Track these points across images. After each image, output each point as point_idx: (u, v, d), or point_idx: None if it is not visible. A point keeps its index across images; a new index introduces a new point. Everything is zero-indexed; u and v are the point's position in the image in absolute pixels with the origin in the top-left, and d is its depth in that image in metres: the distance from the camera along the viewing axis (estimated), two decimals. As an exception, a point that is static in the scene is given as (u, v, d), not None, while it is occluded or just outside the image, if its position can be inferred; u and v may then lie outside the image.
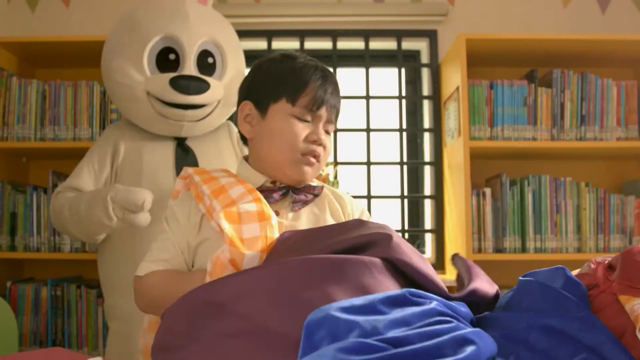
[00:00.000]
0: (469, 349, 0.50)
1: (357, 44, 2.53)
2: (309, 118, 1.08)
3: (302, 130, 1.08)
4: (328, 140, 1.13)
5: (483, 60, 2.29)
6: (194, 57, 1.64)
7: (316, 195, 1.12)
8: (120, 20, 1.72)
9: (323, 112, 1.09)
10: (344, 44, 2.54)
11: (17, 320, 1.83)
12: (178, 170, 1.61)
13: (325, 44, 2.52)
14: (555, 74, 2.19)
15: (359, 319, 0.53)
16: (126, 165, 1.65)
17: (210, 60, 1.68)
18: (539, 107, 2.17)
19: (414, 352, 0.46)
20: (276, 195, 1.07)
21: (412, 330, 0.50)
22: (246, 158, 1.18)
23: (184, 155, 1.66)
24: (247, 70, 1.74)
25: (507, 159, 2.34)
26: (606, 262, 0.77)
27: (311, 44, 2.53)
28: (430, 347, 0.47)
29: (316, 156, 1.09)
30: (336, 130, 2.40)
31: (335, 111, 1.12)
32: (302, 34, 2.48)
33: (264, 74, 1.13)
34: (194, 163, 1.65)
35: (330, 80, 1.11)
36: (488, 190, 2.17)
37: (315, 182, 1.16)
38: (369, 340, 0.46)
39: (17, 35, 2.39)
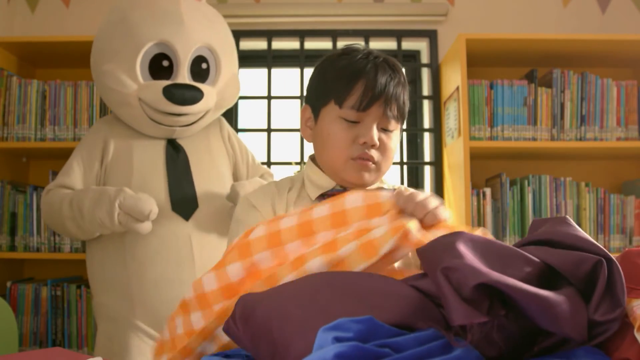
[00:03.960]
0: (457, 351, 0.50)
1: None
2: (358, 118, 1.00)
3: (350, 132, 1.00)
4: (389, 139, 1.02)
5: (483, 60, 2.29)
6: (188, 64, 1.61)
7: None
8: (112, 20, 1.66)
9: (375, 109, 0.99)
10: (344, 44, 2.53)
11: (17, 320, 1.83)
12: (168, 170, 1.61)
13: (325, 44, 2.52)
14: (555, 74, 2.18)
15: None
16: (116, 164, 1.62)
17: (204, 65, 1.66)
18: (539, 107, 2.17)
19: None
20: None
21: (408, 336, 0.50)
22: (312, 158, 1.12)
23: (175, 154, 1.65)
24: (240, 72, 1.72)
25: (507, 159, 2.34)
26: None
27: (311, 44, 2.53)
28: (424, 351, 0.47)
29: (370, 159, 1.01)
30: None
31: (394, 105, 1.00)
32: (302, 34, 2.48)
33: (317, 75, 1.08)
34: (185, 162, 1.64)
35: (384, 73, 1.00)
36: (488, 190, 2.17)
37: (386, 184, 1.10)
38: (367, 345, 0.46)
39: (17, 35, 2.39)
